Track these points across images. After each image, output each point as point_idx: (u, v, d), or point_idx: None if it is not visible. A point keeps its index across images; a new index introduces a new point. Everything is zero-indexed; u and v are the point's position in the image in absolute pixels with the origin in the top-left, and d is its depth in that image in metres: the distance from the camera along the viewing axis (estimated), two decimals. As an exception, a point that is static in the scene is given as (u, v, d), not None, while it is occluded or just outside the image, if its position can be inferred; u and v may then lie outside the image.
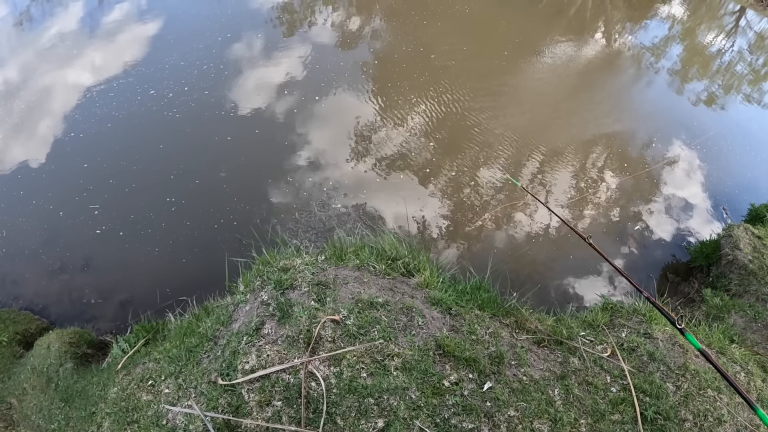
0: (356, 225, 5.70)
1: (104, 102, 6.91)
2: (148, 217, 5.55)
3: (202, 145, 6.46)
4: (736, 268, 6.19)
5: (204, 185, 5.94)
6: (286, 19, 9.41)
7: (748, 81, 14.26)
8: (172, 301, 4.85)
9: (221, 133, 6.62)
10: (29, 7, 9.26)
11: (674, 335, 4.43)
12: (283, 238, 4.75)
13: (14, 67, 7.63)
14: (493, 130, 7.66)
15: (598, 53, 11.90)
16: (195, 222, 5.57)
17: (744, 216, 7.51)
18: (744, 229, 6.68)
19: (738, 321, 5.48)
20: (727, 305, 5.67)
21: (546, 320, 4.14)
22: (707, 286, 6.18)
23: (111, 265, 5.23)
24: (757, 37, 18.17)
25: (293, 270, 3.89)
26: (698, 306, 5.83)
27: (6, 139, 6.43)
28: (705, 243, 6.64)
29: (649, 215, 7.26)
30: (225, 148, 6.44)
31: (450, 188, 6.55)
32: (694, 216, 7.56)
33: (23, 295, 5.04)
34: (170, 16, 8.95)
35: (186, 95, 7.08)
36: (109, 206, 5.65)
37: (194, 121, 6.73)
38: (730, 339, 4.91)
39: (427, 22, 10.18)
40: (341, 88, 7.75)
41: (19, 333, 4.72)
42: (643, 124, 9.28)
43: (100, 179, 5.92)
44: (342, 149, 6.77)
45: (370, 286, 3.71)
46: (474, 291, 4.14)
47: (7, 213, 5.61)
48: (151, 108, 6.85)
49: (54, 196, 5.74)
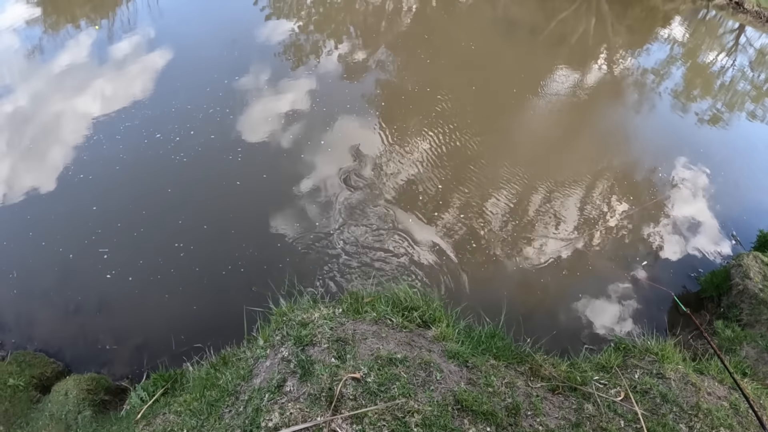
0: (369, 270, 5.81)
1: (111, 144, 7.01)
2: (157, 263, 5.61)
3: (209, 190, 6.54)
4: (747, 297, 6.22)
5: (212, 231, 6.01)
6: (291, 61, 9.53)
7: (751, 98, 14.34)
8: (188, 348, 4.91)
9: (229, 178, 6.70)
10: (41, 40, 9.50)
11: (687, 374, 4.50)
12: (300, 288, 4.86)
13: (23, 104, 7.75)
14: (501, 168, 7.78)
15: (602, 80, 12.05)
16: (204, 268, 5.62)
17: (753, 243, 7.54)
18: (754, 258, 6.74)
19: (750, 352, 5.51)
20: (738, 337, 5.70)
21: (560, 365, 4.23)
22: (719, 317, 6.23)
23: (124, 310, 5.29)
24: (758, 53, 18.28)
25: (312, 325, 4.01)
26: (710, 338, 5.87)
27: (15, 179, 6.52)
28: (715, 273, 6.68)
29: (658, 246, 7.33)
30: (233, 193, 6.53)
31: (462, 230, 6.65)
32: (703, 245, 7.60)
33: (38, 337, 5.07)
34: (178, 59, 9.12)
35: (192, 139, 7.18)
36: (118, 250, 5.70)
37: (201, 166, 6.83)
38: (742, 372, 4.95)
39: (432, 61, 10.35)
40: (347, 132, 7.84)
41: (35, 377, 4.72)
42: (649, 152, 9.37)
43: (109, 223, 5.98)
44: (351, 193, 6.85)
45: (389, 341, 3.83)
46: (489, 339, 4.25)
47: (17, 253, 5.67)
48: (158, 151, 6.94)
49: (63, 238, 5.80)
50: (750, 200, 8.95)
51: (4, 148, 6.97)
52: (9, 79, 8.37)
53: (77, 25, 10.27)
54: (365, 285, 4.83)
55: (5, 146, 6.99)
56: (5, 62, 8.79)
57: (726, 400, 4.37)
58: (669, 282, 6.78)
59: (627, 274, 6.68)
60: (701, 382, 4.47)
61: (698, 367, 4.74)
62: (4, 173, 6.58)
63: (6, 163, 6.73)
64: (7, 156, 6.85)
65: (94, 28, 10.14)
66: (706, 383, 4.50)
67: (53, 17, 10.49)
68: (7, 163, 6.73)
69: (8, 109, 7.63)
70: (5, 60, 8.85)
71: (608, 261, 6.79)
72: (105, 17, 10.68)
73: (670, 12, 18.50)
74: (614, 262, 6.78)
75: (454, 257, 6.25)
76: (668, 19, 17.86)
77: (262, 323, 4.47)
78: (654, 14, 17.84)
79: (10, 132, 7.23)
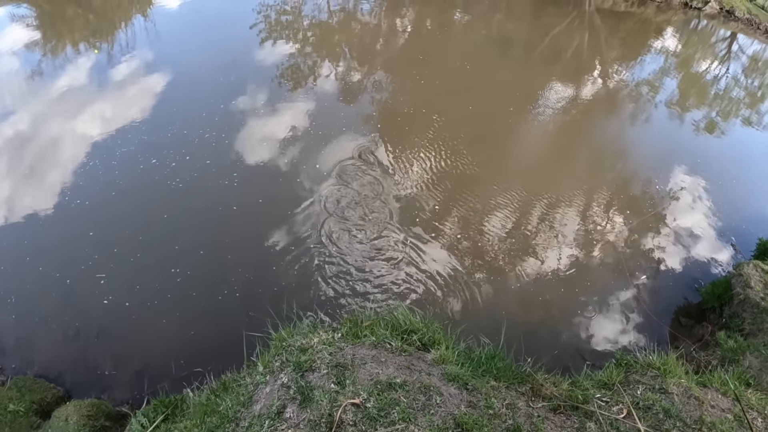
0: (367, 293, 5.82)
1: (107, 170, 7.07)
2: (154, 288, 5.63)
3: (205, 216, 6.58)
4: (749, 306, 6.21)
5: (208, 256, 6.04)
6: (287, 85, 9.63)
7: (746, 105, 14.42)
8: (188, 372, 4.92)
9: (225, 203, 6.74)
10: (39, 64, 9.64)
11: (689, 388, 4.48)
12: (299, 312, 4.88)
13: (20, 128, 7.83)
14: (500, 187, 7.83)
15: (597, 94, 12.14)
16: (201, 293, 5.64)
17: (753, 251, 7.54)
18: (754, 266, 6.73)
19: (753, 362, 5.47)
20: (741, 347, 5.67)
21: (561, 384, 4.22)
22: (721, 327, 6.21)
23: (123, 334, 5.30)
24: (751, 60, 18.43)
25: (311, 350, 4.01)
26: (713, 350, 5.85)
27: (11, 203, 6.57)
28: (716, 283, 6.67)
29: (658, 259, 7.34)
30: (229, 219, 6.57)
31: (461, 250, 6.66)
32: (704, 255, 7.61)
33: (38, 362, 5.07)
34: (175, 83, 9.23)
35: (188, 164, 7.24)
36: (115, 276, 5.73)
37: (197, 191, 6.88)
38: (746, 383, 4.91)
39: (427, 82, 10.43)
40: (343, 155, 7.88)
41: (36, 402, 4.70)
42: (646, 164, 9.42)
43: (106, 248, 6.01)
44: (346, 217, 6.85)
45: (388, 366, 3.84)
46: (489, 360, 4.25)
47: (15, 278, 5.69)
48: (154, 177, 7.00)
49: (60, 263, 5.84)
50: (748, 208, 8.97)
51: (2, 171, 7.03)
52: (7, 102, 8.47)
53: (77, 48, 10.45)
54: (364, 309, 4.83)
55: (2, 170, 7.06)
56: (4, 85, 8.91)
57: (730, 412, 4.34)
58: (670, 294, 6.78)
59: (627, 290, 6.67)
60: (704, 395, 4.45)
61: (701, 380, 4.72)
62: (1, 197, 6.64)
63: (3, 187, 6.78)
64: (4, 180, 6.90)
65: (93, 51, 10.29)
66: (709, 396, 4.48)
67: (52, 41, 10.69)
68: (4, 187, 6.78)
69: (6, 133, 7.70)
70: (4, 83, 8.97)
71: (608, 276, 6.80)
72: (104, 41, 10.90)
73: (662, 24, 18.69)
74: (614, 278, 6.78)
75: (452, 278, 6.26)
76: (661, 31, 18.06)
77: (262, 349, 4.46)
78: (646, 26, 18.03)
79: (7, 156, 7.30)
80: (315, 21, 12.93)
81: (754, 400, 4.52)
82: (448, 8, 15.65)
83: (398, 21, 13.87)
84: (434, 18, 14.57)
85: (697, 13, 20.78)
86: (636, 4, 19.51)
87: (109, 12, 12.23)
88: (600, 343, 5.90)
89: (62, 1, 12.55)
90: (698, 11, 20.87)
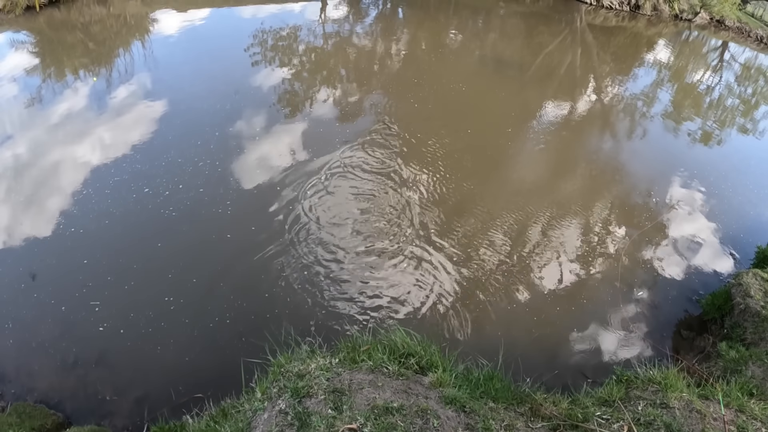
0: (364, 317, 5.82)
1: (100, 198, 7.12)
2: (148, 316, 5.65)
3: (198, 244, 6.60)
4: (750, 316, 6.19)
5: (201, 284, 6.06)
6: (282, 112, 9.67)
7: (740, 112, 14.52)
8: (188, 398, 4.92)
9: (219, 232, 6.76)
10: (37, 91, 9.78)
11: (691, 401, 4.45)
12: (296, 338, 4.89)
13: (16, 155, 7.91)
14: (498, 209, 7.85)
15: (592, 109, 12.25)
16: (193, 320, 5.66)
17: (752, 259, 7.54)
18: (753, 275, 6.72)
19: (756, 372, 5.43)
20: (743, 357, 5.63)
21: (561, 403, 4.21)
22: (722, 338, 6.18)
23: (121, 361, 5.31)
24: (743, 68, 18.59)
25: (309, 376, 4.03)
26: (715, 361, 5.81)
27: (6, 230, 6.61)
28: (715, 294, 6.65)
29: (658, 272, 7.33)
30: (222, 247, 6.58)
31: (459, 272, 6.66)
32: (703, 266, 7.61)
33: (38, 388, 5.06)
34: (171, 110, 9.30)
35: (182, 193, 7.28)
36: (109, 304, 5.75)
37: (190, 220, 6.91)
38: (749, 393, 4.87)
39: (422, 105, 10.49)
40: (339, 183, 7.88)
41: (36, 428, 4.65)
42: (643, 177, 9.49)
43: (100, 276, 6.05)
44: (341, 243, 6.84)
45: (385, 390, 3.84)
46: (487, 382, 4.24)
47: (10, 304, 5.72)
48: (147, 206, 7.04)
49: (55, 290, 5.87)
50: (746, 216, 8.99)
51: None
52: (3, 128, 8.57)
53: (76, 75, 10.60)
54: (362, 332, 4.84)
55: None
56: (1, 111, 9.05)
57: (733, 424, 4.31)
58: (670, 307, 6.77)
59: (627, 304, 6.65)
60: (706, 408, 4.42)
61: (703, 392, 4.69)
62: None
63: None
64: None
65: (92, 79, 10.43)
66: (711, 409, 4.45)
67: (51, 68, 10.88)
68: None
69: (1, 159, 7.79)
70: (1, 109, 9.11)
71: (606, 292, 6.78)
72: (103, 67, 11.05)
73: (654, 36, 18.92)
74: (612, 293, 6.76)
75: (450, 299, 6.25)
76: (652, 44, 18.27)
77: (260, 375, 4.49)
78: (638, 40, 18.25)
79: (1, 182, 7.37)
80: (310, 46, 13.11)
81: (757, 410, 4.49)
82: (442, 30, 15.89)
83: (392, 44, 14.04)
84: (428, 40, 14.76)
85: (688, 25, 21.04)
86: (627, 18, 19.79)
87: (107, 40, 12.46)
88: (600, 360, 5.87)
89: (62, 28, 12.82)
90: (689, 22, 21.13)
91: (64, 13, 13.45)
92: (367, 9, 17.06)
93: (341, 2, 16.90)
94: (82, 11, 13.72)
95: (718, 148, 11.89)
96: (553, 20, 18.21)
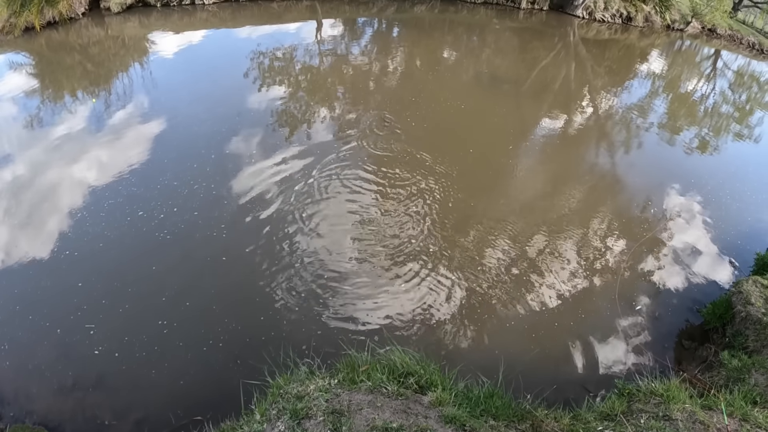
0: (361, 337, 5.77)
1: (95, 221, 7.13)
2: (142, 339, 5.65)
3: (192, 267, 6.59)
4: (751, 323, 6.17)
5: (194, 307, 6.06)
6: (279, 134, 9.65)
7: (735, 119, 14.60)
8: (187, 421, 4.90)
9: (213, 255, 6.75)
10: (36, 112, 9.87)
11: (694, 412, 4.42)
12: (295, 359, 4.88)
13: (11, 177, 7.95)
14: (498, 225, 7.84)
15: (589, 122, 12.31)
16: (187, 343, 5.65)
17: (751, 266, 7.53)
18: (753, 282, 6.71)
19: (759, 379, 5.40)
20: (746, 365, 5.60)
21: (563, 419, 4.18)
22: (724, 347, 6.15)
23: (119, 385, 5.28)
24: (736, 74, 18.73)
25: (308, 397, 4.02)
26: (717, 370, 5.78)
27: (0, 252, 6.63)
28: (716, 303, 6.62)
29: (658, 283, 7.32)
30: (215, 270, 6.58)
31: (458, 289, 6.64)
32: (703, 275, 7.60)
33: (37, 411, 5.04)
34: (168, 133, 9.34)
35: (176, 216, 7.28)
36: (104, 327, 5.75)
37: (185, 243, 6.90)
38: (752, 401, 4.82)
39: (418, 124, 10.50)
40: (336, 205, 7.84)
41: None
42: (640, 188, 9.53)
43: (94, 299, 6.06)
44: (337, 266, 6.79)
45: (384, 410, 3.83)
46: (487, 399, 4.22)
47: (6, 326, 5.72)
48: (142, 229, 7.05)
49: (50, 313, 5.88)
50: (744, 223, 9.00)
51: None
52: (1, 149, 8.64)
53: (74, 96, 10.70)
54: (360, 352, 4.82)
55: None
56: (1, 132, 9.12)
57: (738, 434, 4.28)
58: (671, 318, 6.74)
59: (628, 317, 6.63)
60: (710, 418, 4.39)
61: (706, 403, 4.65)
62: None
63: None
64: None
65: (90, 100, 10.51)
66: (715, 419, 4.41)
67: (50, 89, 10.96)
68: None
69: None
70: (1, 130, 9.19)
71: (606, 305, 6.75)
72: (101, 89, 11.13)
73: (647, 48, 19.11)
74: (612, 306, 6.74)
75: (449, 317, 6.23)
76: (646, 55, 18.44)
77: (259, 396, 4.46)
78: (631, 52, 18.42)
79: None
80: (307, 66, 13.18)
81: (761, 418, 4.45)
82: (437, 47, 16.03)
83: (389, 63, 14.12)
84: (424, 58, 14.86)
85: (680, 35, 21.27)
86: (619, 31, 20.02)
87: (106, 61, 12.58)
88: (602, 374, 5.82)
89: (61, 50, 12.98)
90: (681, 32, 21.37)
91: (62, 35, 13.65)
92: (362, 28, 17.23)
93: (336, 22, 17.06)
94: (80, 33, 13.97)
95: (714, 156, 11.94)
96: (547, 35, 18.40)
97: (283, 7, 17.41)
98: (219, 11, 16.39)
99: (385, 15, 18.36)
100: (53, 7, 13.69)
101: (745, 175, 10.94)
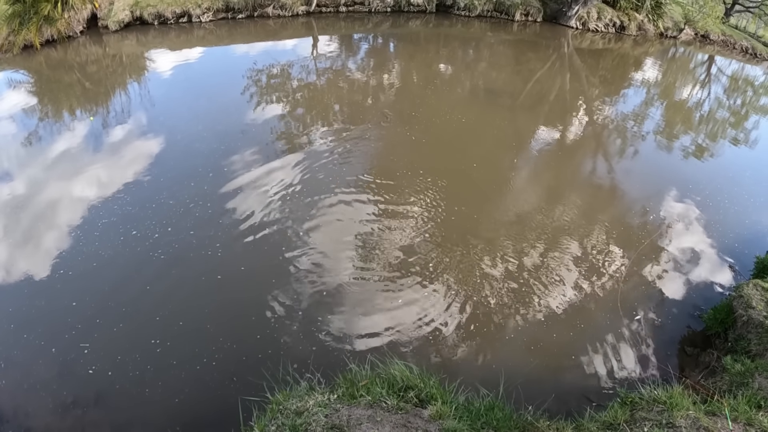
0: (360, 352, 5.74)
1: (89, 240, 7.10)
2: (135, 359, 5.61)
3: (186, 286, 6.56)
4: (753, 327, 6.14)
5: (188, 326, 6.03)
6: (277, 151, 9.63)
7: (731, 124, 14.68)
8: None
9: (208, 274, 6.71)
10: (34, 129, 9.86)
11: (698, 419, 4.39)
12: (294, 375, 4.86)
13: (7, 195, 7.95)
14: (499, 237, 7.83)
15: (586, 132, 12.37)
16: (181, 362, 5.61)
17: (752, 270, 7.52)
18: (754, 286, 6.70)
19: (763, 383, 5.35)
20: (749, 369, 5.56)
21: (565, 429, 4.15)
22: (727, 352, 6.11)
23: (116, 404, 5.22)
24: (731, 79, 18.84)
25: (307, 413, 3.99)
26: (721, 375, 5.74)
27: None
28: (717, 308, 6.60)
29: (658, 290, 7.29)
30: (209, 289, 6.54)
31: (457, 302, 6.61)
32: (703, 281, 7.58)
33: (34, 428, 4.97)
34: (165, 151, 9.33)
35: (171, 236, 7.24)
36: (98, 346, 5.72)
37: (179, 263, 6.87)
38: (757, 405, 4.79)
39: (419, 139, 10.52)
40: (333, 223, 7.79)
41: None
42: (638, 196, 9.54)
43: (88, 318, 6.03)
44: (336, 281, 6.75)
45: (384, 425, 3.80)
46: (488, 412, 4.19)
47: (1, 345, 5.70)
48: (136, 248, 7.01)
49: (44, 332, 5.84)
50: (743, 227, 9.00)
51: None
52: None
53: (73, 114, 10.72)
54: (360, 366, 4.79)
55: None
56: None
57: (743, 438, 4.25)
58: (672, 325, 6.71)
59: (628, 325, 6.59)
60: (714, 424, 4.36)
61: (710, 408, 4.63)
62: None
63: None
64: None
65: (88, 118, 10.51)
66: (719, 425, 4.38)
67: (48, 107, 10.97)
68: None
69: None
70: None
71: (607, 314, 6.71)
72: (99, 107, 11.15)
73: (641, 56, 19.26)
74: (613, 315, 6.70)
75: (450, 330, 6.20)
76: (640, 63, 18.58)
77: (258, 413, 4.42)
78: (625, 60, 18.57)
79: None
80: (304, 82, 13.23)
81: (766, 423, 4.42)
82: (433, 61, 16.14)
83: (386, 77, 14.17)
84: (420, 72, 14.93)
85: (674, 42, 21.45)
86: (613, 40, 20.19)
87: (104, 79, 12.65)
88: (604, 383, 5.77)
89: (59, 68, 13.05)
90: (674, 39, 21.55)
91: (61, 53, 13.74)
92: (358, 44, 17.33)
93: (332, 38, 17.19)
94: (78, 51, 14.06)
95: (711, 161, 11.98)
96: (541, 46, 18.54)
97: (279, 24, 17.56)
98: (216, 29, 16.52)
99: (381, 30, 18.51)
100: (52, 26, 13.78)
101: (742, 178, 10.98)
